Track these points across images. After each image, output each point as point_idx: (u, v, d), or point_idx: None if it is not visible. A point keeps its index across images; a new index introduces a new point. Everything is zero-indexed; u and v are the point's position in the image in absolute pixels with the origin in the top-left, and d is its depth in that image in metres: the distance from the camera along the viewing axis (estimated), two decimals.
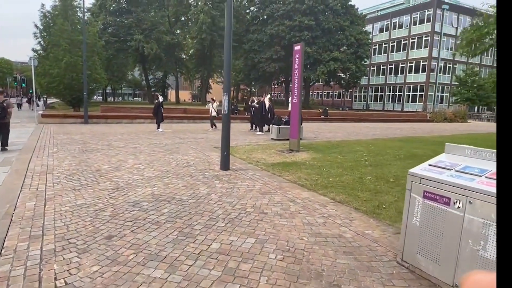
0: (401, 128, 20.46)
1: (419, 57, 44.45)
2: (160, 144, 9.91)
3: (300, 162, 7.51)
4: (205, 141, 11.00)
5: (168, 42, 36.57)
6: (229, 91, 6.49)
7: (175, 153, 8.26)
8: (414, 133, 16.37)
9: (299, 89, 8.82)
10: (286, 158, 8.02)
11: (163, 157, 7.65)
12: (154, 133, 13.02)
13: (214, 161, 7.43)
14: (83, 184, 5.27)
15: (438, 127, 22.15)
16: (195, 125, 18.13)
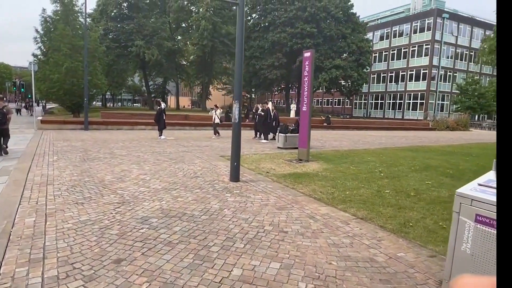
0: (406, 136, 20.24)
1: (419, 65, 44.51)
2: (163, 152, 9.65)
3: (312, 173, 7.24)
4: (210, 149, 10.74)
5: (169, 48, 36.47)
6: (240, 99, 6.21)
7: (180, 163, 7.98)
8: (421, 142, 16.12)
9: (309, 97, 8.58)
10: (296, 168, 7.76)
11: (169, 167, 7.37)
12: (157, 141, 12.77)
13: (222, 171, 7.15)
14: (86, 197, 4.94)
15: (442, 136, 21.94)
16: (197, 132, 17.87)
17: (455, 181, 6.73)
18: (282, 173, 7.15)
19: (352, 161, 8.89)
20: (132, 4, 37.52)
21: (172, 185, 5.74)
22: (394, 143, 14.78)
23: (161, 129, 13.78)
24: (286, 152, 10.33)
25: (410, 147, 13.29)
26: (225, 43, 36.23)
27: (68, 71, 21.38)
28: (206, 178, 6.44)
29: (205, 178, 6.43)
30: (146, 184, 5.74)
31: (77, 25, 23.95)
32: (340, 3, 33.88)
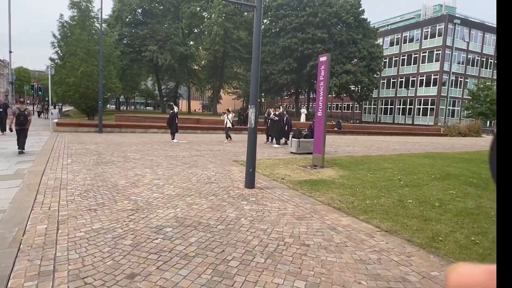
0: (420, 142, 19.75)
1: (430, 70, 43.74)
2: (176, 156, 9.54)
3: (328, 180, 6.98)
4: (222, 153, 10.59)
5: (181, 53, 36.60)
6: (256, 104, 5.99)
7: (194, 167, 7.82)
8: (435, 148, 15.65)
9: (324, 102, 8.33)
10: (311, 175, 7.51)
11: (182, 172, 7.20)
12: (169, 144, 12.68)
13: (237, 177, 6.94)
14: (99, 203, 4.74)
15: (455, 142, 21.35)
16: (209, 136, 17.77)
17: (480, 190, 6.34)
18: (297, 179, 6.92)
19: (369, 168, 8.59)
20: (147, 10, 37.85)
21: (186, 191, 5.54)
22: (408, 149, 14.37)
23: (174, 133, 13.67)
24: (300, 158, 10.11)
25: (426, 153, 12.87)
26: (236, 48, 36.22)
27: (84, 75, 21.52)
28: (221, 184, 6.23)
29: (220, 184, 6.23)
30: (159, 190, 5.55)
31: (93, 30, 24.15)
32: (351, 9, 33.55)
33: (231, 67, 42.84)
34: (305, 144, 11.05)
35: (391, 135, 26.44)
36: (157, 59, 35.25)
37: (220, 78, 42.32)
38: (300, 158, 10.11)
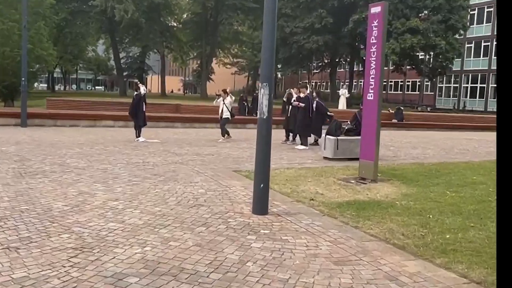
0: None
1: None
2: (145, 164, 9.58)
3: (385, 201, 6.97)
4: (216, 159, 10.66)
5: (151, 3, 36.92)
6: (271, 81, 6.04)
7: (172, 181, 7.88)
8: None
9: (378, 78, 8.40)
10: (357, 193, 7.52)
11: (154, 188, 7.27)
12: (133, 145, 12.78)
13: (240, 196, 7.00)
14: (23, 237, 4.78)
15: None
16: (195, 132, 17.89)
17: None
18: (335, 200, 6.93)
19: (448, 183, 8.56)
20: None
21: (160, 219, 5.57)
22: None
23: (140, 127, 13.75)
24: (339, 166, 10.12)
25: None
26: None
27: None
28: (215, 207, 6.26)
29: (213, 207, 6.25)
30: (118, 217, 5.59)
31: None
32: None
33: (229, 23, 43.05)
34: (346, 145, 11.05)
35: (483, 130, 26.27)
36: (112, 11, 35.56)
37: (212, 40, 42.58)
38: (339, 166, 10.10)
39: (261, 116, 6.06)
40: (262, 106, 6.03)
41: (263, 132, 6.10)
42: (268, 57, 6.04)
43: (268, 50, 6.04)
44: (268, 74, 6.04)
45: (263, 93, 6.02)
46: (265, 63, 6.05)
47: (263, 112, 6.04)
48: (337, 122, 11.42)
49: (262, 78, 6.06)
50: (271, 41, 6.03)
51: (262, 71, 6.08)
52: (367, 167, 8.56)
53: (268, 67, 6.04)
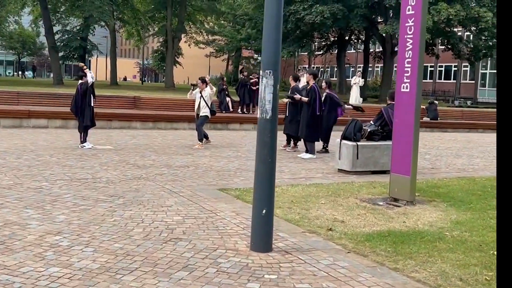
0: None
1: None
2: (96, 180, 9.35)
3: (429, 232, 6.84)
4: (194, 173, 10.49)
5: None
6: (277, 68, 5.88)
7: (135, 205, 7.65)
8: None
9: (416, 63, 8.38)
10: (391, 220, 7.41)
11: (111, 216, 7.02)
12: (77, 153, 12.50)
13: (231, 226, 6.81)
14: None
15: None
16: (160, 135, 17.60)
17: None
18: (362, 231, 6.80)
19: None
20: None
21: (123, 261, 5.34)
22: None
23: (86, 128, 13.42)
24: (360, 182, 10.10)
25: None
26: None
27: None
28: (198, 242, 6.04)
29: (196, 242, 6.04)
30: (63, 258, 5.33)
31: None
32: None
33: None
34: (369, 153, 10.97)
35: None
36: None
37: (180, 10, 42.21)
38: (361, 182, 10.08)
39: (263, 116, 5.85)
40: (264, 103, 5.82)
41: (265, 138, 5.90)
42: (273, 34, 5.84)
43: (273, 24, 5.83)
44: (272, 58, 5.84)
45: (266, 85, 5.83)
46: (268, 43, 5.85)
47: (265, 110, 5.83)
48: (357, 122, 11.23)
49: (265, 64, 5.85)
50: (276, 11, 5.83)
51: (265, 54, 5.89)
52: (401, 184, 8.42)
53: (272, 49, 5.84)
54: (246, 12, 47.42)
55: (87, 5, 39.07)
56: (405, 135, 8.43)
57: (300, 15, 34.36)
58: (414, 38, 8.24)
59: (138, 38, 61.01)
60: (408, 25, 8.31)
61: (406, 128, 8.41)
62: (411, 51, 8.28)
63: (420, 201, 8.53)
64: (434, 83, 62.67)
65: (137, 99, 22.50)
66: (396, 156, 8.62)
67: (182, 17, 42.76)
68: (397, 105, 8.62)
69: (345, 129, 11.32)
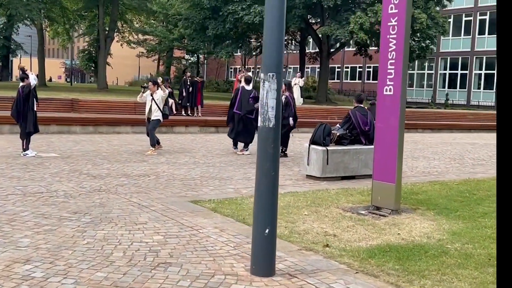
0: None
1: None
2: (52, 194, 8.58)
3: (429, 245, 6.55)
4: (157, 183, 9.92)
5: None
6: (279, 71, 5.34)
7: (105, 223, 6.98)
8: None
9: (400, 64, 8.11)
10: (383, 232, 7.12)
11: (81, 237, 6.33)
12: (21, 162, 11.65)
13: (220, 245, 6.26)
14: None
15: None
16: (104, 140, 16.83)
17: None
18: (359, 246, 6.45)
19: None
20: None
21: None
22: None
23: (29, 135, 12.48)
24: (334, 189, 9.86)
25: None
26: None
27: None
28: (191, 267, 5.45)
29: (188, 267, 5.45)
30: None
31: None
32: None
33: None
34: (339, 158, 10.71)
35: (478, 131, 27.45)
36: None
37: (112, 8, 40.86)
38: (336, 189, 9.90)
39: (265, 125, 5.29)
40: (266, 109, 5.26)
41: (267, 149, 5.34)
42: (275, 33, 5.30)
43: (275, 23, 5.29)
44: (275, 59, 5.29)
45: (268, 89, 5.25)
46: (270, 43, 5.32)
47: (268, 118, 5.27)
48: (326, 125, 10.83)
49: (267, 66, 5.29)
50: (279, 8, 5.27)
51: (267, 56, 5.33)
52: (385, 192, 8.15)
53: (275, 49, 5.29)
54: (179, 11, 46.57)
55: (14, 1, 37.13)
56: (389, 140, 8.14)
57: (239, 15, 33.85)
58: (398, 39, 7.93)
59: (67, 37, 58.71)
60: (391, 25, 8.00)
61: (390, 132, 8.11)
62: (395, 52, 7.99)
63: (404, 209, 8.30)
64: (362, 83, 63.70)
65: (74, 102, 21.38)
66: (378, 162, 8.30)
67: (115, 16, 41.41)
68: (380, 109, 8.27)
69: (313, 133, 10.91)
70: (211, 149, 15.32)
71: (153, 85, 13.82)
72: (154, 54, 70.73)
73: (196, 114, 22.71)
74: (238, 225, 7.07)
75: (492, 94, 48.87)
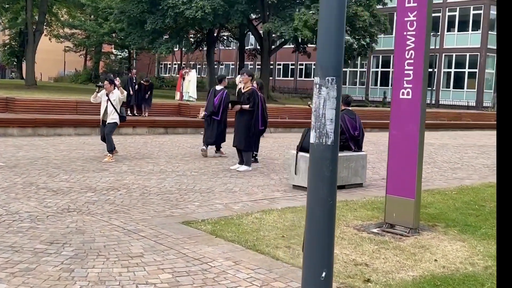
0: None
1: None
2: (13, 217, 7.21)
3: (481, 275, 5.81)
4: (132, 198, 8.71)
5: None
6: (339, 75, 4.32)
7: (92, 257, 5.75)
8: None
9: (421, 64, 7.15)
10: (416, 257, 6.30)
11: (69, 279, 5.12)
12: None
13: (244, 283, 5.24)
14: None
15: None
16: (49, 144, 15.26)
17: None
18: (401, 278, 5.64)
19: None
20: None
21: None
22: None
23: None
24: None
25: None
26: None
27: None
28: None
29: None
30: None
31: None
32: None
33: None
34: None
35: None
36: None
37: (41, 1, 38.55)
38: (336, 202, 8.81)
39: (321, 141, 4.24)
40: (323, 122, 4.22)
41: (324, 172, 4.29)
42: (333, 28, 4.26)
43: (333, 16, 4.25)
44: (334, 60, 4.24)
45: (326, 97, 4.21)
46: (328, 42, 4.25)
47: (325, 133, 4.22)
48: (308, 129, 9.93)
49: (324, 69, 4.23)
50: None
51: (324, 56, 4.25)
52: (403, 209, 7.30)
53: (334, 48, 4.24)
54: (110, 4, 44.84)
55: None
56: (406, 149, 7.27)
57: (179, 9, 32.61)
58: (418, 35, 7.05)
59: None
60: (408, 20, 7.12)
61: (407, 141, 7.25)
62: (414, 50, 7.08)
63: (421, 226, 7.50)
64: (295, 81, 63.73)
65: (10, 101, 19.54)
66: (393, 174, 7.42)
67: (44, 8, 39.14)
68: (395, 115, 7.39)
69: (301, 139, 9.94)
70: (170, 153, 14.16)
71: (110, 84, 12.45)
72: (82, 49, 68.10)
73: (144, 114, 21.34)
74: (251, 254, 5.98)
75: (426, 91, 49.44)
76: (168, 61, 75.02)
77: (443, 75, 51.09)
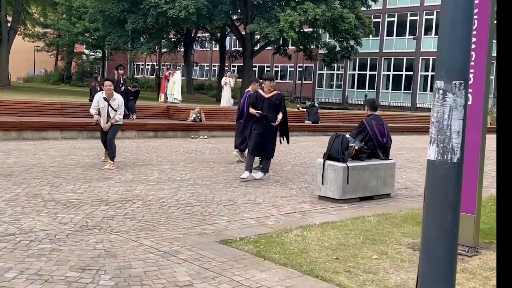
0: None
1: None
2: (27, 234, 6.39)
3: None
4: (154, 213, 7.87)
5: None
6: (466, 79, 3.66)
7: (136, 287, 4.99)
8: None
9: (484, 68, 6.54)
10: (490, 282, 5.72)
11: None
12: None
13: None
14: None
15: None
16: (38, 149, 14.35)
17: None
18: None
19: None
20: None
21: None
22: None
23: None
24: (370, 216, 8.39)
25: None
26: None
27: None
28: None
29: None
30: None
31: None
32: None
33: None
34: (359, 176, 9.13)
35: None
36: None
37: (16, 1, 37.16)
38: (371, 215, 8.45)
39: (446, 159, 3.59)
40: (449, 135, 3.57)
41: (448, 194, 3.65)
42: (459, 25, 3.58)
43: (460, 11, 3.57)
44: (461, 62, 3.57)
45: (453, 105, 3.56)
46: (454, 39, 3.58)
47: (451, 149, 3.57)
48: (343, 137, 9.15)
49: (449, 72, 3.56)
50: None
51: (449, 57, 3.58)
52: (462, 226, 6.49)
53: (461, 48, 3.57)
54: (84, 3, 43.81)
55: None
56: (466, 160, 6.60)
57: (162, 9, 31.72)
58: (480, 36, 6.43)
59: None
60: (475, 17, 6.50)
61: (467, 151, 6.59)
62: (474, 52, 6.42)
63: (484, 246, 6.93)
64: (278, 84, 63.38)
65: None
66: None
67: (18, 7, 37.85)
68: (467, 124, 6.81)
69: (328, 146, 9.20)
70: (170, 159, 13.39)
71: (108, 85, 11.53)
72: (53, 48, 66.43)
73: (131, 116, 20.37)
74: (312, 281, 5.25)
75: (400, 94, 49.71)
76: (142, 62, 73.67)
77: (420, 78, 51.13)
